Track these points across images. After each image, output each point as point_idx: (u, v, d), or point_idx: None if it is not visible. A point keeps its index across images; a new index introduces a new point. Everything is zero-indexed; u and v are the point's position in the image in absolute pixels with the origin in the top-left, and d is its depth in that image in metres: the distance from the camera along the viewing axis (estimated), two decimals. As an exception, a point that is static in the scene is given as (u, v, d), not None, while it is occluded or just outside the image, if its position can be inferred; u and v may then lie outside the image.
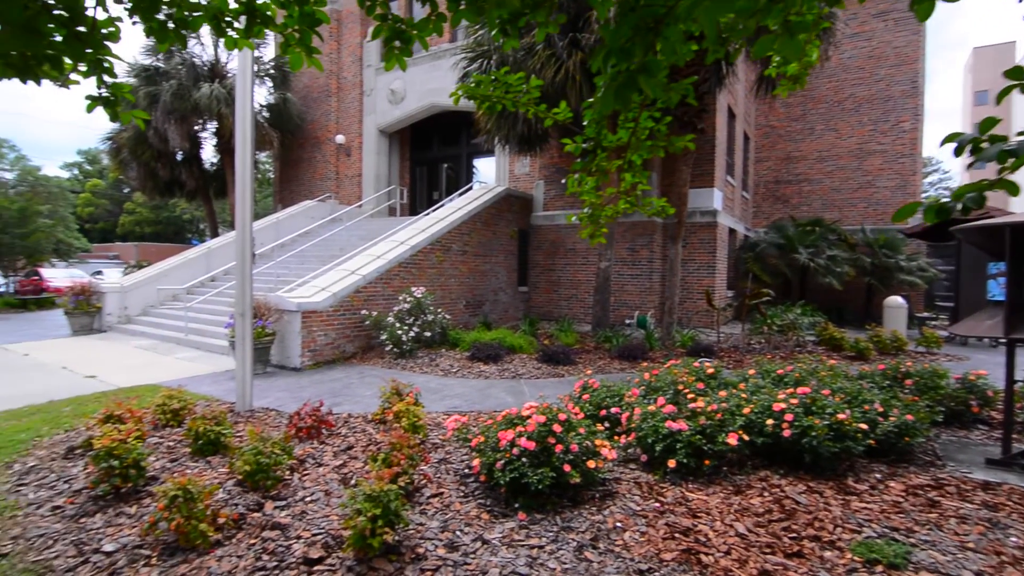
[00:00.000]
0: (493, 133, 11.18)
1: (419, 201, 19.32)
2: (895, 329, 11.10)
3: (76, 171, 49.80)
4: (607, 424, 4.91)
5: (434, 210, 13.28)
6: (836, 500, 3.84)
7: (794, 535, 3.32)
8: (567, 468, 3.58)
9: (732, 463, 4.43)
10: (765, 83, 10.34)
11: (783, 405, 4.44)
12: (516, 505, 3.58)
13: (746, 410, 4.55)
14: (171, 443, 4.75)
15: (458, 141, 18.47)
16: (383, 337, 8.94)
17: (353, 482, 3.91)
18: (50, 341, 10.96)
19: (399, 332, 8.78)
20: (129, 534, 3.26)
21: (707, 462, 4.15)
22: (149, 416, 5.23)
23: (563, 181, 12.52)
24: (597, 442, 3.87)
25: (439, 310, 9.68)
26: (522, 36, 9.80)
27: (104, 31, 1.90)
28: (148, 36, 1.92)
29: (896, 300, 12.51)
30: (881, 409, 4.69)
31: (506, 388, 7.25)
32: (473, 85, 3.14)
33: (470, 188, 15.43)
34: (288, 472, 4.01)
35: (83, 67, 2.04)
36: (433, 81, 16.91)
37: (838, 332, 10.45)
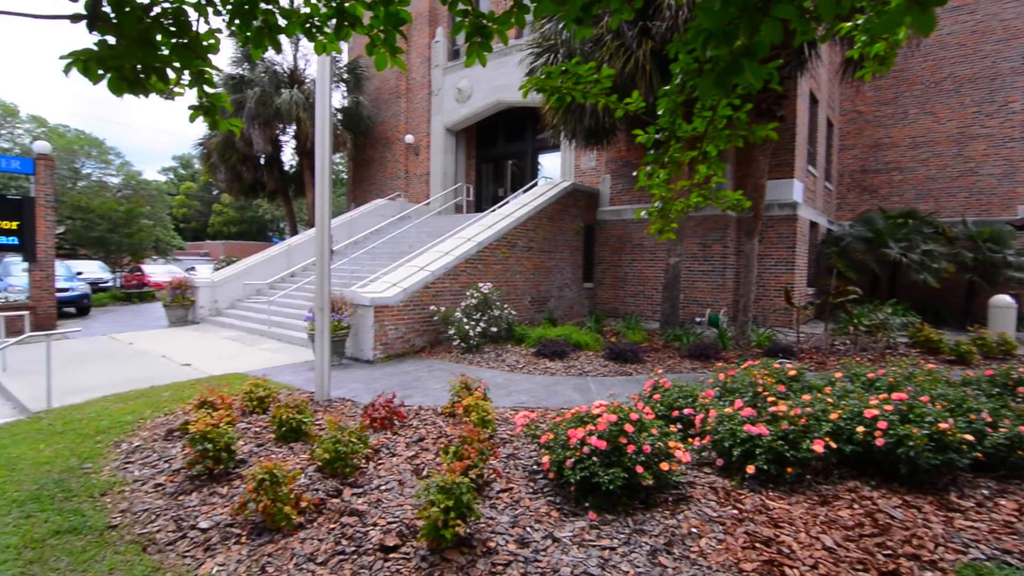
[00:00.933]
0: (559, 127, 11.08)
1: (484, 198, 19.54)
2: (1003, 331, 10.05)
3: (171, 175, 54.12)
4: (680, 426, 4.76)
5: (500, 207, 13.37)
6: (937, 517, 3.52)
7: (889, 552, 3.08)
8: (639, 469, 3.49)
9: (816, 471, 4.17)
10: (852, 66, 9.61)
11: (876, 411, 4.13)
12: (586, 504, 3.53)
13: (833, 416, 4.26)
14: (257, 429, 5.06)
15: (523, 137, 18.50)
16: (451, 332, 9.11)
17: (425, 473, 4.01)
18: (150, 332, 11.99)
19: (466, 327, 8.92)
20: (221, 513, 3.50)
21: (789, 469, 3.92)
22: (238, 403, 5.60)
23: (634, 174, 12.18)
24: (670, 444, 3.75)
25: (505, 306, 9.75)
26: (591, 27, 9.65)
27: (205, 43, 2.02)
28: (244, 45, 2.03)
29: (1004, 299, 11.34)
30: (989, 419, 4.26)
31: (573, 385, 7.19)
32: (543, 77, 3.09)
33: (535, 184, 15.42)
34: (364, 461, 4.17)
35: (186, 79, 2.19)
36: (499, 78, 17.00)
37: (935, 333, 9.61)
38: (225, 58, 19.34)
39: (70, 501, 3.67)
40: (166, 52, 1.85)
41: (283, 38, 2.32)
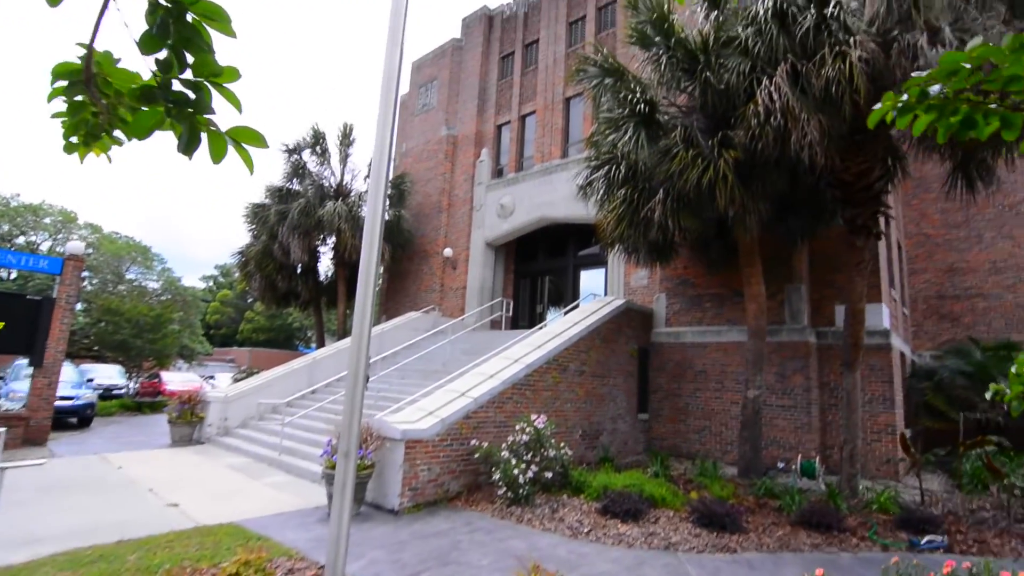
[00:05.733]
0: (616, 241, 10.14)
1: (521, 314, 18.50)
2: None
3: (211, 283, 55.64)
4: None
5: (548, 323, 12.19)
6: None
7: None
8: None
9: None
10: (960, 179, 8.55)
11: None
12: None
13: None
14: (235, 644, 3.43)
15: (564, 253, 17.82)
16: (495, 476, 7.43)
17: None
18: (148, 452, 10.53)
19: (515, 471, 7.25)
20: None
21: None
22: (217, 589, 4.01)
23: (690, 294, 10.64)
24: None
25: (562, 445, 8.10)
26: (656, 141, 9.01)
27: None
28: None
29: None
30: None
31: (664, 568, 5.34)
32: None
33: (576, 305, 14.27)
34: None
35: None
36: (543, 195, 16.75)
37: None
38: (278, 174, 19.89)
39: None
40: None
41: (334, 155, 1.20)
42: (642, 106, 8.86)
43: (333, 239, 19.07)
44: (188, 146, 1.41)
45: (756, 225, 8.61)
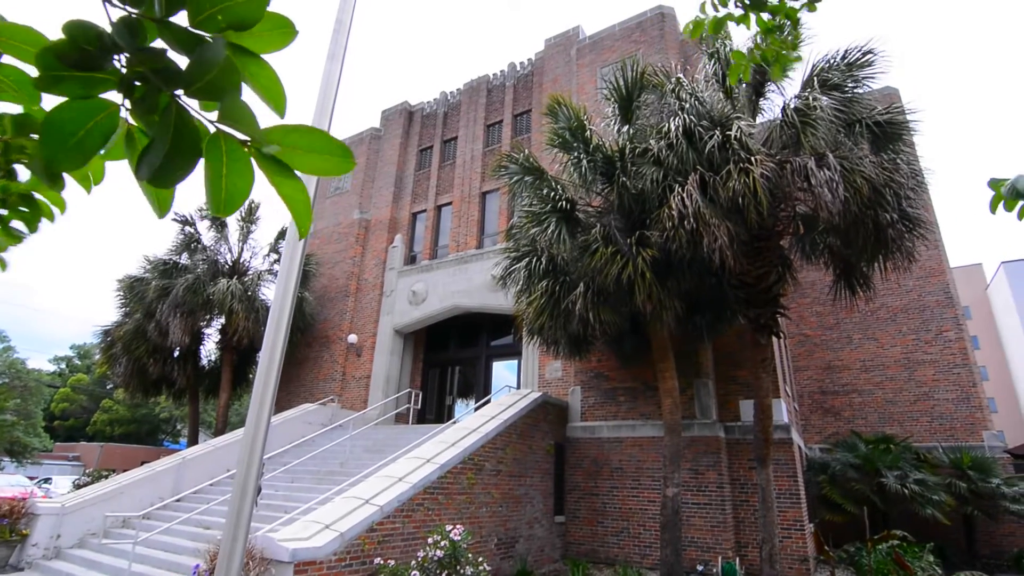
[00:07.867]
0: (537, 332, 9.99)
1: (429, 407, 17.49)
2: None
3: (64, 365, 48.21)
4: None
5: (459, 419, 11.46)
6: None
7: None
8: None
9: None
10: (844, 286, 9.52)
11: None
12: None
13: None
14: None
15: (477, 343, 17.42)
16: (403, 603, 6.37)
17: None
18: (-64, 592, 8.06)
19: (427, 596, 6.26)
20: None
21: None
22: None
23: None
24: None
25: (480, 559, 7.21)
26: (576, 235, 9.24)
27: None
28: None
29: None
30: None
31: None
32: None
33: (487, 400, 13.75)
34: None
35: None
36: (458, 284, 16.54)
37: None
38: (164, 246, 18.16)
39: None
40: None
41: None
42: (563, 203, 9.14)
43: (222, 320, 17.30)
44: (168, 164, 0.66)
45: (672, 321, 8.87)
